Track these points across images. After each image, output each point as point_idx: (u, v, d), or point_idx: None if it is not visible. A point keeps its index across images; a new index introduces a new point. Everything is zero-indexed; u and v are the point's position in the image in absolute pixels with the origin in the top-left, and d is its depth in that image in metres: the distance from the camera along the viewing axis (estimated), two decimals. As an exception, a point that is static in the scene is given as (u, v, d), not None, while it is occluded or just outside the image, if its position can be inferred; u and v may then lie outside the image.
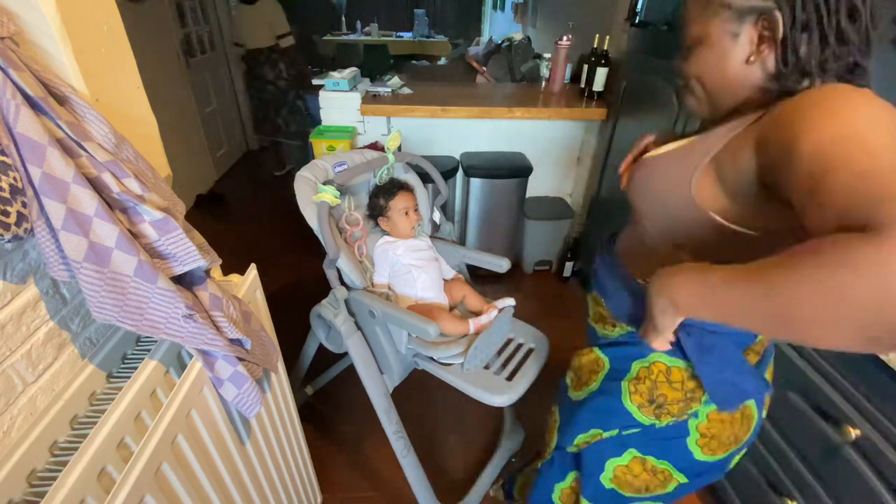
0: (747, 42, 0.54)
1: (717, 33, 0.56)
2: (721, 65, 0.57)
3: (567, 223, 2.38)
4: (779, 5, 0.50)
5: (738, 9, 0.53)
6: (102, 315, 0.55)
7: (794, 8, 0.49)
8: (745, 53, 0.54)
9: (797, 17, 0.49)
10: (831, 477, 0.94)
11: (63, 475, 0.50)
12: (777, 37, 0.51)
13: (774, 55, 0.53)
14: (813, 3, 0.49)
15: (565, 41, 2.25)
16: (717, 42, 0.56)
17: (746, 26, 0.53)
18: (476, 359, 1.08)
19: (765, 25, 0.52)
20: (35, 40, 0.57)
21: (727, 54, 0.56)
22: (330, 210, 1.06)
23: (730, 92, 0.58)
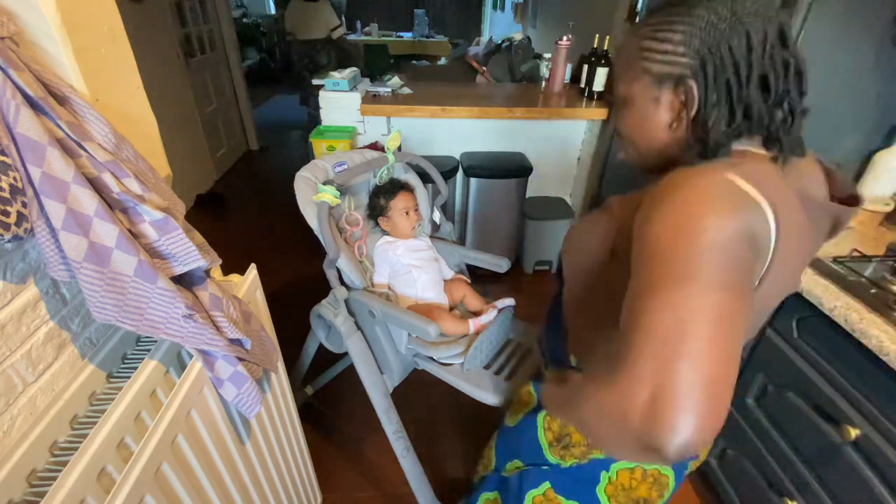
0: (668, 107, 0.54)
1: (640, 97, 0.56)
2: (645, 127, 0.57)
3: (567, 223, 2.38)
4: (693, 73, 0.50)
5: (656, 75, 0.53)
6: (102, 315, 0.55)
7: (706, 77, 0.50)
8: (668, 119, 0.55)
9: (708, 87, 0.50)
10: (831, 477, 0.94)
11: (63, 475, 0.50)
12: (693, 107, 0.51)
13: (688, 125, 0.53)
14: (724, 75, 0.49)
15: (565, 41, 2.25)
16: (640, 105, 0.56)
17: (666, 92, 0.53)
18: (476, 359, 1.08)
19: (683, 92, 0.52)
20: (35, 40, 0.57)
21: (651, 118, 0.56)
22: (330, 210, 1.06)
23: (656, 154, 0.58)
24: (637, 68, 0.55)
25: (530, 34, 4.12)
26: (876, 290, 0.91)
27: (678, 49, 0.50)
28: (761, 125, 0.51)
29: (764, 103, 0.50)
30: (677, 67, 0.51)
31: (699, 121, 0.52)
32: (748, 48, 0.48)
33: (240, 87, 3.99)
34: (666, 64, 0.52)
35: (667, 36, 0.51)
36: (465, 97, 2.26)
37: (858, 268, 0.99)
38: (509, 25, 5.38)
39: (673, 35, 0.51)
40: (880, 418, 0.83)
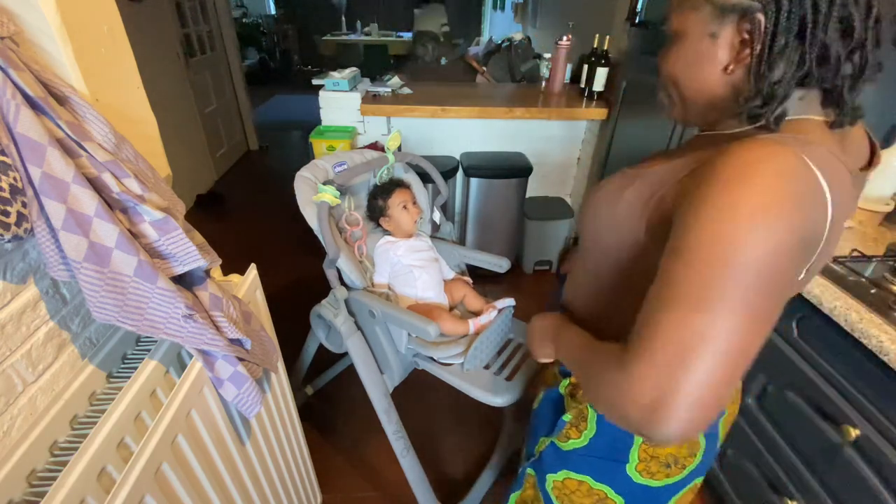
0: (727, 46, 0.47)
1: (695, 30, 0.49)
2: (697, 68, 0.50)
3: (567, 223, 2.38)
4: (764, 6, 0.43)
5: (720, 5, 0.46)
6: (102, 315, 0.55)
7: (779, 11, 0.43)
8: (725, 60, 0.48)
9: (780, 24, 0.43)
10: (831, 477, 0.94)
11: (63, 475, 0.50)
12: (757, 44, 0.45)
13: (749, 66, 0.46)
14: (800, 10, 0.42)
15: (565, 41, 2.25)
16: (694, 41, 0.49)
17: (727, 27, 0.46)
18: (476, 359, 1.08)
19: (747, 28, 0.45)
20: (35, 40, 0.57)
21: (704, 57, 0.49)
22: (330, 210, 1.06)
23: (704, 102, 0.52)
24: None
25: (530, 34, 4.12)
26: (876, 290, 0.91)
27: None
28: (835, 76, 0.44)
29: (843, 49, 0.43)
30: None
31: (763, 65, 0.45)
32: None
33: (240, 87, 3.99)
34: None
35: None
36: (465, 97, 2.26)
37: (858, 268, 0.99)
38: (509, 25, 5.38)
39: None
40: (880, 418, 0.83)
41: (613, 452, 0.65)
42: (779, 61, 0.44)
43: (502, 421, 1.62)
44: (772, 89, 0.45)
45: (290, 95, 6.11)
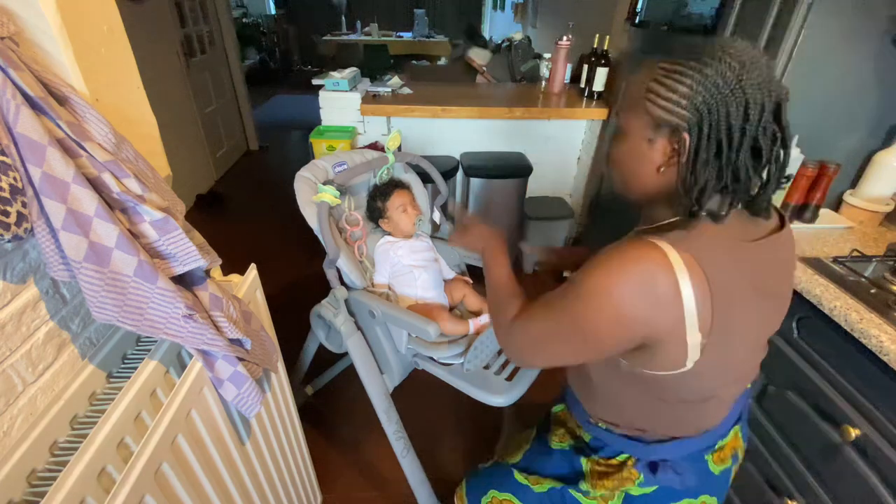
0: (660, 151, 0.57)
1: (636, 133, 0.59)
2: (634, 162, 0.60)
3: (567, 223, 2.38)
4: (689, 126, 0.53)
5: (656, 119, 0.55)
6: (102, 315, 0.55)
7: (700, 134, 0.52)
8: (658, 161, 0.57)
9: (701, 143, 0.52)
10: (831, 477, 0.94)
11: (63, 475, 0.50)
12: (682, 157, 0.55)
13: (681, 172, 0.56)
14: (717, 135, 0.52)
15: (565, 41, 2.25)
16: (634, 140, 0.59)
17: (661, 137, 0.56)
18: (476, 359, 1.08)
19: (676, 141, 0.55)
20: (35, 40, 0.57)
21: (641, 156, 0.59)
22: (330, 210, 1.06)
23: (639, 190, 0.62)
24: (640, 106, 0.57)
25: (530, 34, 4.12)
26: (876, 290, 0.91)
27: (681, 101, 0.53)
28: (746, 188, 0.55)
29: (752, 169, 0.53)
30: (676, 117, 0.53)
31: (688, 173, 0.55)
32: (745, 116, 0.51)
33: (240, 87, 3.99)
34: (666, 111, 0.54)
35: (674, 85, 0.53)
36: (465, 97, 2.26)
37: (858, 268, 0.99)
38: (509, 25, 5.38)
39: (680, 86, 0.53)
40: (880, 418, 0.83)
41: None
42: (701, 172, 0.54)
43: (502, 421, 1.62)
44: (697, 193, 0.54)
45: (290, 95, 6.10)
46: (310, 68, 7.49)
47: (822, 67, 1.14)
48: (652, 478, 0.71)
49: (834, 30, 1.09)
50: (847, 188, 1.31)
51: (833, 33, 1.10)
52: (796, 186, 1.20)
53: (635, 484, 0.72)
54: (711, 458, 0.72)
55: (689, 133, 0.53)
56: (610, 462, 0.75)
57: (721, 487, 0.75)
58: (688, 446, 0.70)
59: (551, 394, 0.93)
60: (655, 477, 0.70)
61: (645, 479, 0.71)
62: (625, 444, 0.73)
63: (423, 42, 6.44)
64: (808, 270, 0.99)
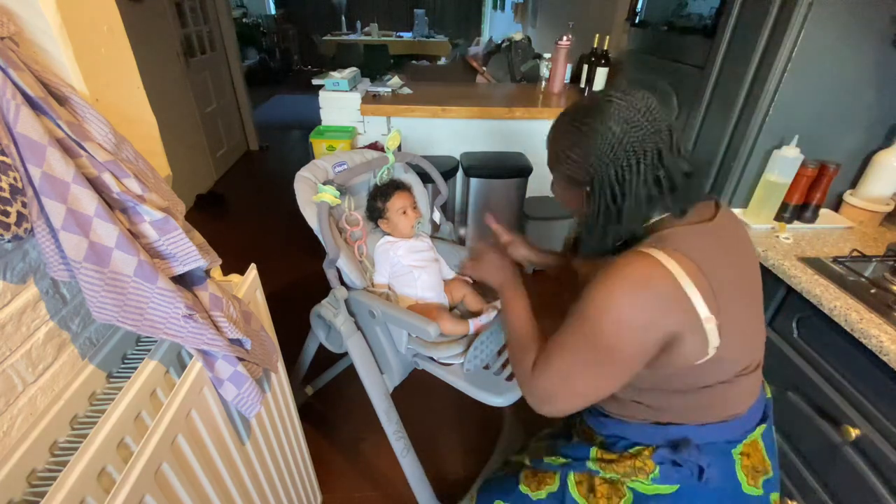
0: (577, 198, 0.70)
1: (559, 181, 0.73)
2: (566, 202, 0.74)
3: (567, 223, 2.38)
4: (587, 183, 0.65)
5: (564, 176, 0.69)
6: (102, 315, 0.55)
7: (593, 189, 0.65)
8: (578, 205, 0.70)
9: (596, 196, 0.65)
10: (831, 477, 0.94)
11: (63, 475, 0.50)
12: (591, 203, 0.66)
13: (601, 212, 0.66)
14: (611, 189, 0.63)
15: (565, 41, 2.25)
16: (559, 186, 0.73)
17: (573, 188, 0.69)
18: (476, 359, 1.08)
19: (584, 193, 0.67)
20: (35, 40, 0.57)
21: (568, 199, 0.73)
22: (330, 210, 1.06)
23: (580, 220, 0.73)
24: (555, 161, 0.70)
25: (530, 34, 4.12)
26: (876, 290, 0.91)
27: (578, 161, 0.64)
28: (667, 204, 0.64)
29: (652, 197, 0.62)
30: (577, 174, 0.66)
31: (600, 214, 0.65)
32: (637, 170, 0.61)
33: (240, 87, 3.99)
34: (570, 169, 0.66)
35: (573, 147, 0.64)
36: (465, 97, 2.26)
37: (858, 268, 0.99)
38: (509, 25, 5.39)
39: (577, 148, 0.64)
40: (880, 418, 0.83)
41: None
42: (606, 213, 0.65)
43: (502, 421, 1.62)
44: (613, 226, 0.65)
45: (290, 95, 6.11)
46: (310, 68, 7.50)
47: (822, 67, 1.14)
48: (671, 472, 0.68)
49: (834, 30, 1.09)
50: (847, 188, 1.31)
51: (833, 33, 1.10)
52: (796, 186, 1.20)
53: (648, 478, 0.69)
54: (739, 462, 0.69)
55: (591, 187, 0.64)
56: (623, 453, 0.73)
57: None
58: (711, 432, 0.69)
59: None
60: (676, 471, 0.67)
61: (661, 475, 0.68)
62: (641, 430, 0.72)
63: (423, 42, 6.45)
64: (808, 270, 0.99)
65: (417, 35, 6.59)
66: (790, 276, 1.00)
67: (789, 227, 1.21)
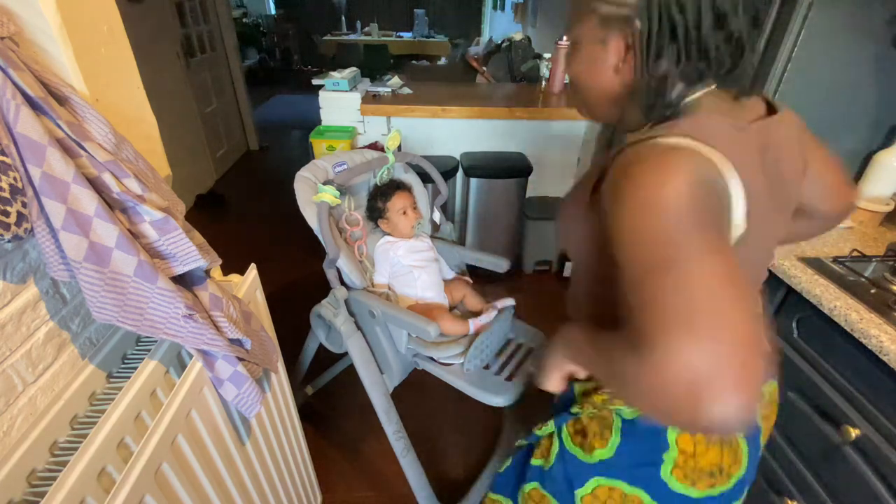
0: (614, 49, 0.53)
1: (587, 37, 0.55)
2: (591, 70, 0.56)
3: (567, 223, 2.38)
4: (639, 14, 0.49)
5: (602, 16, 0.52)
6: (102, 315, 0.55)
7: (650, 18, 0.48)
8: (614, 61, 0.53)
9: (652, 27, 0.48)
10: (831, 477, 0.94)
11: (63, 475, 0.50)
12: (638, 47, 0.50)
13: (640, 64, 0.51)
14: (668, 13, 0.47)
15: (565, 41, 2.25)
16: (587, 46, 0.56)
17: (613, 34, 0.52)
18: (476, 359, 1.08)
19: (630, 34, 0.50)
20: (35, 40, 0.57)
21: (597, 60, 0.55)
22: (330, 210, 1.06)
23: (603, 100, 0.58)
24: (585, 7, 0.54)
25: (530, 34, 4.12)
26: (876, 290, 0.91)
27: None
28: (719, 65, 0.49)
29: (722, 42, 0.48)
30: (623, 8, 0.50)
31: (646, 64, 0.50)
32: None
33: (240, 87, 3.99)
34: (612, 4, 0.51)
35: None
36: (465, 97, 2.26)
37: (858, 268, 0.99)
38: (509, 25, 5.38)
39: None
40: (880, 418, 0.83)
41: (644, 456, 0.62)
42: (660, 60, 0.49)
43: (502, 421, 1.62)
44: (658, 84, 0.50)
45: (290, 95, 6.11)
46: (310, 68, 7.49)
47: (822, 67, 1.14)
48: None
49: (834, 30, 1.09)
50: (847, 188, 1.31)
51: (833, 33, 1.10)
52: (796, 186, 1.20)
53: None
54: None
55: (640, 19, 0.49)
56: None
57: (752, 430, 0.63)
58: None
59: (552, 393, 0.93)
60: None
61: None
62: None
63: (423, 42, 6.45)
64: (807, 270, 0.99)
65: (417, 35, 6.58)
66: (790, 276, 1.00)
67: (789, 227, 1.21)
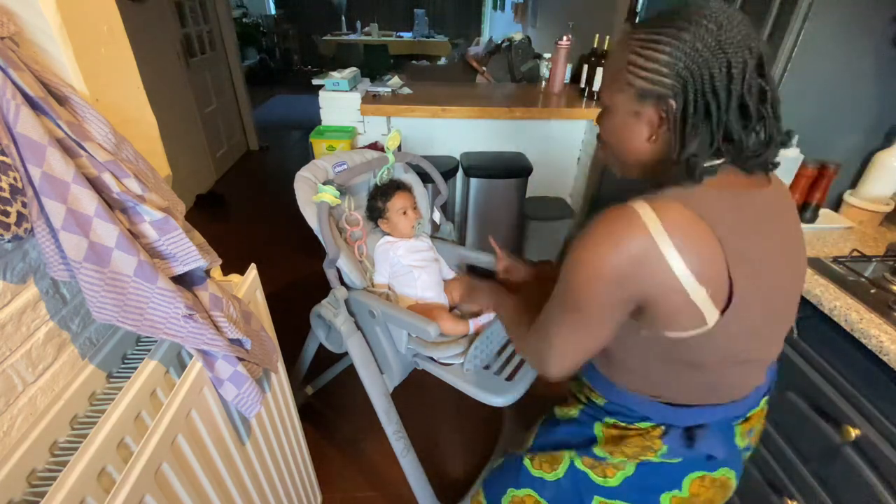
0: (648, 122, 0.57)
1: (622, 107, 0.59)
2: (624, 136, 0.61)
3: (567, 223, 2.38)
4: (675, 93, 0.53)
5: (640, 90, 0.56)
6: (102, 315, 0.55)
7: (686, 99, 0.52)
8: (647, 133, 0.58)
9: (688, 108, 0.53)
10: (831, 477, 0.94)
11: (63, 475, 0.50)
12: (672, 123, 0.55)
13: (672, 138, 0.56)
14: (704, 98, 0.52)
15: (565, 41, 2.25)
16: (621, 115, 0.60)
17: (647, 107, 0.56)
18: (476, 359, 1.08)
19: (664, 109, 0.55)
20: (35, 40, 0.57)
21: (630, 129, 0.59)
22: (330, 210, 1.06)
23: (634, 162, 0.63)
24: (622, 80, 0.57)
25: (530, 34, 4.12)
26: (876, 290, 0.91)
27: (662, 69, 0.53)
28: (740, 147, 0.54)
29: (743, 128, 0.53)
30: (659, 86, 0.54)
31: (677, 138, 0.55)
32: (729, 77, 0.51)
33: (240, 87, 3.99)
34: (649, 81, 0.54)
35: (653, 55, 0.53)
36: (465, 97, 2.26)
37: (858, 268, 0.99)
38: (509, 25, 5.38)
39: (659, 55, 0.53)
40: (880, 418, 0.83)
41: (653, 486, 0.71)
42: (691, 136, 0.54)
43: (502, 421, 1.62)
44: (689, 157, 0.54)
45: (290, 95, 6.11)
46: (310, 68, 7.49)
47: (822, 67, 1.14)
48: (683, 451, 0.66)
49: (834, 30, 1.09)
50: (847, 188, 1.31)
51: (833, 33, 1.10)
52: (796, 186, 1.20)
53: (657, 455, 0.67)
54: (738, 433, 0.69)
55: (675, 99, 0.53)
56: (629, 427, 0.70)
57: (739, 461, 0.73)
58: (722, 412, 0.66)
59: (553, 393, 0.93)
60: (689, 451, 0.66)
61: (669, 452, 0.67)
62: (650, 407, 0.68)
63: (423, 42, 6.44)
64: (807, 270, 0.99)
65: (417, 35, 6.58)
66: (790, 276, 1.00)
67: (789, 227, 1.21)
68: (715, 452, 0.65)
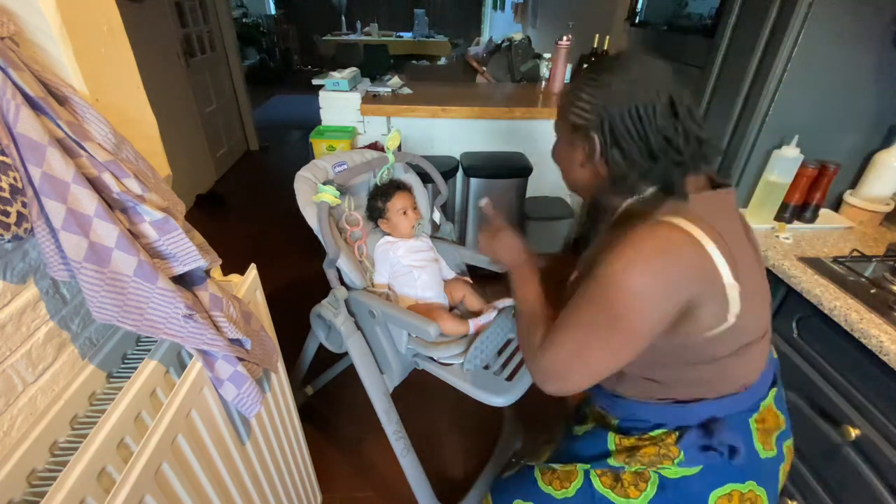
0: (580, 150, 0.67)
1: (562, 135, 0.71)
2: (565, 160, 0.72)
3: (567, 223, 2.38)
4: (595, 127, 0.63)
5: (573, 123, 0.66)
6: (102, 315, 0.55)
7: (604, 133, 0.62)
8: (580, 159, 0.68)
9: (607, 140, 0.63)
10: (831, 477, 0.94)
11: (63, 475, 0.50)
12: (596, 153, 0.64)
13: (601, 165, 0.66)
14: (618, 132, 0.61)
15: (565, 41, 2.25)
16: (562, 143, 0.71)
17: (578, 138, 0.66)
18: (476, 359, 1.08)
19: (589, 140, 0.64)
20: (35, 40, 0.57)
21: (568, 155, 0.70)
22: (330, 210, 1.06)
23: (580, 185, 0.72)
24: (564, 112, 0.68)
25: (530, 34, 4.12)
26: (876, 290, 0.91)
27: (586, 106, 0.63)
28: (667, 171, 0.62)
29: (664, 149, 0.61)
30: (584, 121, 0.64)
31: (603, 165, 0.65)
32: (638, 116, 0.60)
33: (240, 87, 3.99)
34: (578, 116, 0.65)
35: (582, 94, 0.64)
36: (465, 97, 2.26)
37: (858, 268, 0.99)
38: (509, 25, 5.39)
39: (585, 94, 0.63)
40: (880, 418, 0.83)
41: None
42: (613, 164, 0.64)
43: (502, 421, 1.62)
44: (621, 180, 0.64)
45: (290, 95, 6.11)
46: (310, 68, 7.50)
47: (822, 67, 1.14)
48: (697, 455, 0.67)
49: (834, 30, 1.09)
50: (847, 188, 1.31)
51: (833, 33, 1.10)
52: (796, 186, 1.20)
53: (674, 463, 0.67)
54: (756, 431, 0.69)
55: (596, 132, 0.63)
56: (642, 436, 0.71)
57: (771, 479, 0.71)
58: (728, 405, 0.67)
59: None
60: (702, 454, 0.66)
61: (686, 458, 0.67)
62: (658, 411, 0.70)
63: (423, 42, 6.45)
64: (808, 270, 0.99)
65: (417, 35, 6.58)
66: (790, 276, 1.00)
67: (789, 227, 1.21)
68: (735, 443, 0.65)
